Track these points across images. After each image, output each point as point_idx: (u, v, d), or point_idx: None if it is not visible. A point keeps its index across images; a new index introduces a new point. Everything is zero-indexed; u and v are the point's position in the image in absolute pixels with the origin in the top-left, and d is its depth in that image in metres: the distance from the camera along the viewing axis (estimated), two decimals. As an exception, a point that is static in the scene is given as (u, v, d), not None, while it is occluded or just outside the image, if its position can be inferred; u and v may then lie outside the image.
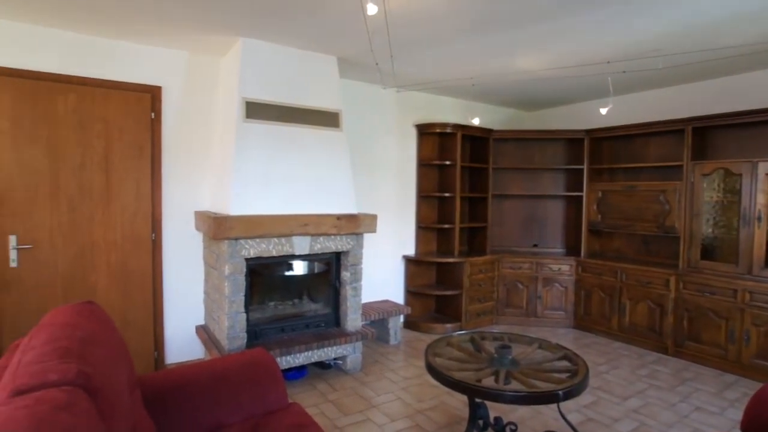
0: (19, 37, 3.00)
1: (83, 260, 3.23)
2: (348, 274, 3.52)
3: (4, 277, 3.01)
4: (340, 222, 3.36)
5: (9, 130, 2.99)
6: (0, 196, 2.97)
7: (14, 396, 1.09)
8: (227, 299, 3.00)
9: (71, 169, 3.17)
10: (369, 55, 3.48)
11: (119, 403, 1.40)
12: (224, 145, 3.35)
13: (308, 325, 3.48)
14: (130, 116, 3.35)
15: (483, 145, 5.04)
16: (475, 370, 2.43)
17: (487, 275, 4.77)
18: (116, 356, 1.65)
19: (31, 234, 3.07)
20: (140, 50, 3.38)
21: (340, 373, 3.55)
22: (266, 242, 3.13)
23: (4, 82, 2.96)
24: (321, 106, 3.51)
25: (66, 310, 1.75)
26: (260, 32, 3.13)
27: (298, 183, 3.33)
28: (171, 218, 3.52)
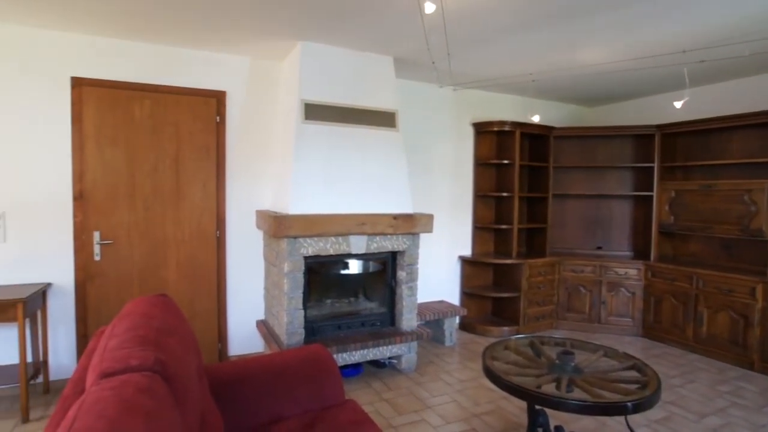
0: (102, 50, 3.26)
1: (156, 255, 3.45)
2: (404, 273, 3.51)
3: (90, 269, 3.29)
4: (397, 221, 3.36)
5: (93, 135, 3.26)
6: (87, 195, 3.25)
7: (102, 378, 1.18)
8: (286, 296, 3.09)
9: (146, 171, 3.40)
10: (425, 55, 3.47)
11: (190, 390, 1.48)
12: (284, 146, 3.46)
13: (364, 324, 3.52)
14: (198, 120, 3.54)
15: (543, 143, 4.86)
16: (535, 376, 2.35)
17: (547, 278, 4.59)
18: (187, 346, 1.74)
19: (112, 231, 3.33)
20: (207, 57, 3.56)
21: (395, 372, 3.56)
22: (324, 241, 3.19)
23: (90, 91, 3.24)
24: (378, 107, 3.54)
25: (142, 301, 1.87)
26: (318, 35, 3.20)
27: (355, 183, 3.37)
28: (234, 217, 3.69)
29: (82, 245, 3.25)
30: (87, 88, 3.23)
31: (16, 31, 3.05)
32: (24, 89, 3.10)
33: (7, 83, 3.05)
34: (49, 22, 2.97)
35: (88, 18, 2.89)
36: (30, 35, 3.09)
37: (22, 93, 3.09)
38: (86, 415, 0.98)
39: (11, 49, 3.05)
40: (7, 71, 3.05)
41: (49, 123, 3.16)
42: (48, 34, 3.13)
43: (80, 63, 3.21)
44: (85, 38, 3.22)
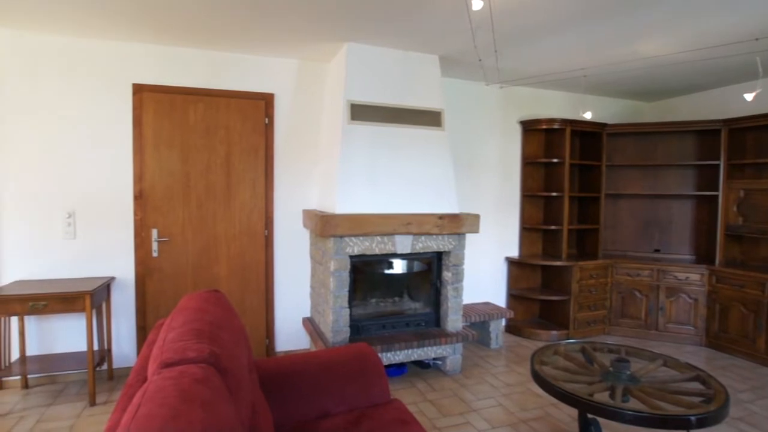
0: (160, 58, 3.44)
1: (208, 252, 3.60)
2: (449, 274, 3.47)
3: (149, 265, 3.47)
4: (443, 221, 3.33)
5: (152, 138, 3.44)
6: (146, 194, 3.44)
7: (162, 368, 1.24)
8: (332, 294, 3.14)
9: (199, 171, 3.55)
10: (472, 52, 3.41)
11: (242, 383, 1.52)
12: (330, 147, 3.51)
13: (408, 324, 3.51)
14: (248, 122, 3.66)
15: (595, 140, 4.66)
16: (587, 383, 2.25)
17: (599, 281, 4.40)
18: (238, 340, 1.80)
19: (168, 228, 3.50)
20: (256, 61, 3.67)
21: (440, 373, 3.52)
22: (369, 240, 3.21)
23: (149, 97, 3.42)
24: (423, 106, 3.52)
25: (197, 296, 1.95)
26: (365, 36, 3.22)
27: (400, 182, 3.37)
28: (281, 216, 3.78)
29: (141, 242, 3.44)
30: (146, 93, 3.41)
31: (83, 42, 3.28)
32: (91, 96, 3.31)
33: (76, 91, 3.28)
34: (114, 33, 3.16)
35: (148, 28, 3.05)
36: (95, 46, 3.30)
37: (90, 100, 3.31)
38: (149, 402, 1.02)
39: (80, 60, 3.27)
40: (77, 80, 3.27)
41: (113, 127, 3.37)
42: (112, 44, 3.34)
43: (140, 70, 3.40)
44: (145, 47, 3.40)
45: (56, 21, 2.94)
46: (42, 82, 3.21)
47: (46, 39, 3.21)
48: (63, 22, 2.97)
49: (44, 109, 3.23)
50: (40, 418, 2.82)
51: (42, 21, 2.95)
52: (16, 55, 3.15)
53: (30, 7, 2.72)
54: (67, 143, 3.28)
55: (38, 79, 3.20)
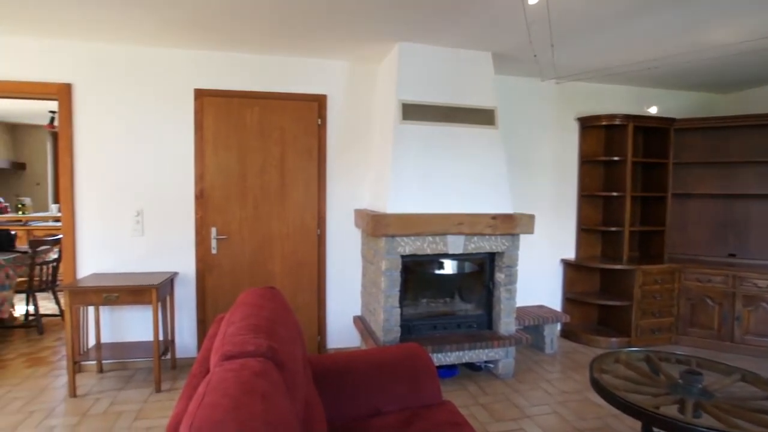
0: (219, 63, 3.60)
1: (263, 250, 3.72)
2: (502, 275, 3.39)
3: (208, 261, 3.64)
4: (496, 222, 3.25)
5: (211, 140, 3.60)
6: (206, 194, 3.61)
7: (223, 360, 1.29)
8: (383, 293, 3.15)
9: (255, 172, 3.68)
10: (526, 48, 3.31)
11: (297, 378, 1.56)
12: (382, 147, 3.52)
13: (460, 325, 3.45)
14: (301, 123, 3.75)
15: (661, 136, 4.38)
16: (653, 395, 2.11)
17: (665, 287, 4.13)
18: (293, 336, 1.84)
19: (226, 227, 3.65)
20: (309, 64, 3.75)
21: (491, 376, 3.44)
22: (421, 240, 3.19)
23: (209, 101, 3.58)
24: (476, 104, 3.45)
25: (254, 292, 2.02)
26: (416, 36, 3.21)
27: (453, 182, 3.33)
28: (334, 215, 3.85)
29: (201, 239, 3.62)
30: (207, 98, 3.58)
31: (148, 51, 3.49)
32: (156, 102, 3.52)
33: (143, 98, 3.50)
34: (176, 42, 3.34)
35: (209, 36, 3.19)
36: (160, 54, 3.51)
37: (155, 105, 3.52)
38: (213, 392, 1.07)
39: (146, 68, 3.49)
40: (143, 87, 3.49)
41: (177, 131, 3.56)
42: (175, 52, 3.53)
43: (201, 76, 3.57)
44: (205, 54, 3.57)
45: (123, 32, 3.15)
46: (112, 89, 3.45)
47: (115, 49, 3.44)
48: (130, 33, 3.18)
49: (114, 115, 3.47)
50: (113, 401, 3.03)
51: (110, 32, 3.17)
52: (88, 66, 3.41)
53: (100, 21, 2.93)
54: (135, 147, 3.51)
55: (108, 87, 3.45)
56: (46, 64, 3.35)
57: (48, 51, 3.34)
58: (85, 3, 2.65)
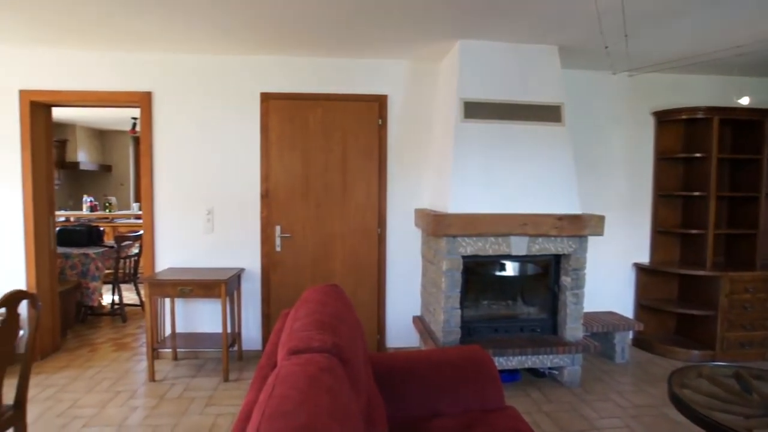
0: (283, 67, 3.72)
1: (325, 248, 3.80)
2: (569, 279, 3.23)
3: (273, 258, 3.78)
4: (562, 222, 3.10)
5: (276, 142, 3.73)
6: (271, 194, 3.75)
7: (290, 355, 1.32)
8: (444, 294, 3.11)
9: (317, 172, 3.77)
10: (596, 40, 3.13)
11: (360, 374, 1.57)
12: (443, 146, 3.48)
13: (522, 329, 3.34)
14: (362, 124, 3.79)
15: (753, 130, 3.96)
16: (744, 416, 1.92)
17: (757, 296, 3.74)
18: (355, 333, 1.86)
19: (290, 225, 3.78)
20: (370, 65, 3.79)
21: (556, 384, 3.29)
22: (483, 241, 3.12)
23: (274, 104, 3.72)
24: (541, 101, 3.32)
25: (319, 289, 2.06)
26: (477, 32, 3.14)
27: (517, 181, 3.22)
28: (394, 215, 3.86)
29: (266, 237, 3.76)
30: (272, 101, 3.72)
31: (219, 59, 3.69)
32: (226, 106, 3.71)
33: (214, 102, 3.70)
34: (245, 49, 3.50)
35: (275, 42, 3.32)
36: (229, 61, 3.69)
37: (226, 109, 3.71)
38: (282, 384, 1.10)
39: (216, 74, 3.69)
40: (214, 92, 3.70)
41: (244, 133, 3.73)
42: (243, 58, 3.70)
43: (267, 80, 3.72)
44: (271, 59, 3.72)
45: (195, 43, 3.34)
46: (186, 96, 3.69)
47: (188, 58, 3.67)
48: (200, 44, 3.37)
49: (188, 120, 3.70)
50: (186, 387, 3.23)
51: (184, 43, 3.37)
52: (165, 75, 3.67)
53: (174, 33, 3.13)
54: (206, 149, 3.72)
55: (183, 94, 3.68)
56: (131, 74, 3.64)
57: (132, 63, 3.63)
58: (158, 17, 2.84)
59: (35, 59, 3.58)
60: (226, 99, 3.71)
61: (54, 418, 2.79)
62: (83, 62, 3.61)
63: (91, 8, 2.73)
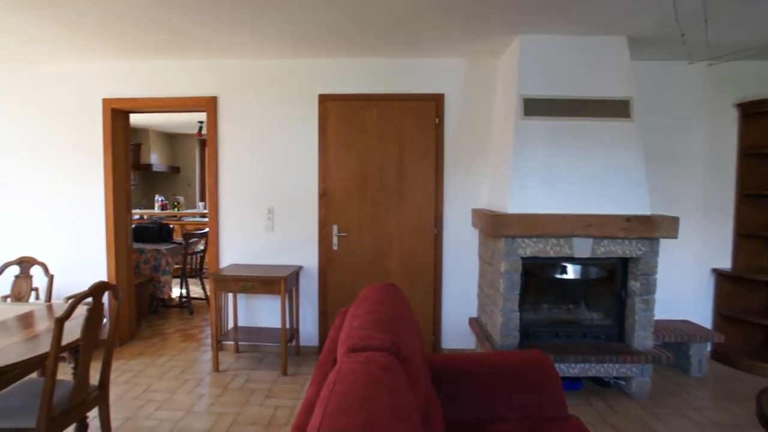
0: (340, 69, 3.78)
1: (381, 247, 3.82)
2: (637, 284, 3.03)
3: (330, 257, 3.86)
4: (630, 224, 2.92)
5: (334, 142, 3.80)
6: (328, 193, 3.82)
7: (350, 352, 1.33)
8: (502, 296, 3.02)
9: (374, 172, 3.80)
10: (671, 27, 2.91)
11: (418, 374, 1.56)
12: (501, 144, 3.39)
13: (585, 335, 3.18)
14: (419, 123, 3.77)
15: None
16: None
17: None
18: (412, 333, 1.85)
19: (346, 224, 3.83)
20: (426, 64, 3.76)
21: (622, 395, 3.11)
22: (544, 242, 3.00)
23: (332, 105, 3.79)
24: (608, 96, 3.15)
25: (377, 288, 2.07)
26: (538, 27, 3.02)
27: (580, 181, 3.08)
28: (450, 215, 3.81)
29: (324, 236, 3.84)
30: (329, 102, 3.79)
31: (279, 63, 3.81)
32: (286, 108, 3.83)
33: (274, 105, 3.83)
34: (304, 52, 3.59)
35: (332, 45, 3.38)
36: (289, 64, 3.80)
37: (285, 112, 3.83)
38: (343, 380, 1.11)
39: (277, 78, 3.81)
40: (274, 95, 3.83)
41: (303, 134, 3.83)
42: (302, 61, 3.80)
43: (324, 82, 3.80)
44: (328, 61, 3.79)
45: (259, 49, 3.47)
46: (248, 99, 3.85)
47: (250, 63, 3.83)
48: (261, 49, 3.49)
49: (250, 122, 3.86)
50: (247, 379, 3.36)
51: (249, 50, 3.51)
52: (229, 80, 3.84)
53: (243, 41, 3.26)
54: (267, 150, 3.86)
55: (245, 98, 3.85)
56: (198, 81, 3.85)
57: (199, 70, 3.84)
58: (225, 27, 2.97)
59: (115, 70, 3.88)
60: (285, 101, 3.83)
61: (131, 401, 3.00)
62: (157, 71, 3.86)
63: (165, 23, 2.91)
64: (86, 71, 3.90)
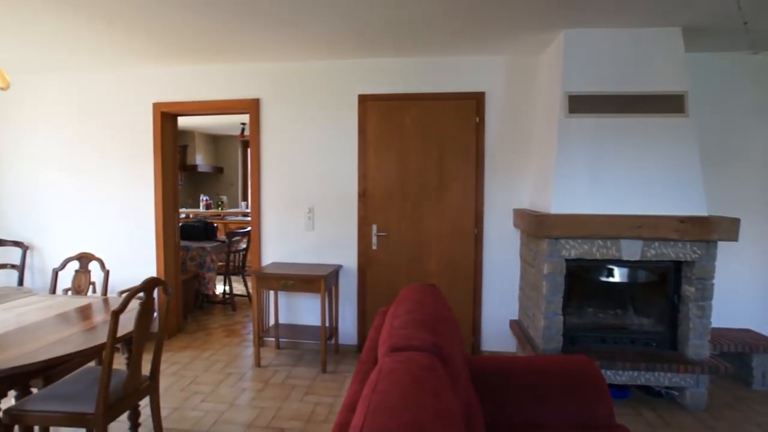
0: (379, 70, 3.79)
1: (420, 247, 3.80)
2: (692, 289, 2.87)
3: (369, 256, 3.87)
4: (685, 226, 2.77)
5: (374, 142, 3.81)
6: (368, 193, 3.84)
7: (391, 352, 1.33)
8: (544, 299, 2.94)
9: (413, 171, 3.78)
10: (732, 15, 2.74)
11: (459, 375, 1.53)
12: (544, 143, 3.30)
13: (634, 341, 3.04)
14: (459, 122, 3.72)
15: None
16: None
17: None
18: (453, 334, 1.82)
19: (386, 224, 3.83)
20: (465, 62, 3.71)
21: (674, 406, 2.95)
22: (589, 243, 2.89)
23: (371, 105, 3.80)
24: (659, 90, 3.00)
25: (417, 288, 2.06)
26: (584, 20, 2.91)
27: (629, 180, 2.95)
28: (491, 215, 3.74)
29: (363, 235, 3.86)
30: (369, 103, 3.81)
31: (319, 65, 3.86)
32: (326, 109, 3.87)
33: (314, 105, 3.88)
34: (342, 54, 3.62)
35: (371, 46, 3.39)
36: (328, 66, 3.85)
37: (325, 112, 3.88)
38: (385, 380, 1.10)
39: (317, 79, 3.87)
40: (315, 96, 3.88)
41: (343, 134, 3.86)
42: (341, 62, 3.83)
43: (364, 82, 3.81)
44: (367, 61, 3.80)
45: (300, 51, 3.53)
46: (289, 101, 3.92)
47: (291, 65, 3.90)
48: (304, 52, 3.54)
49: (291, 123, 3.93)
50: (288, 375, 3.43)
51: (290, 53, 3.57)
52: (271, 82, 3.93)
53: (284, 44, 3.33)
54: (308, 150, 3.92)
55: (286, 99, 3.92)
56: (241, 83, 3.96)
57: (243, 73, 3.96)
58: (269, 31, 3.04)
59: (164, 75, 4.06)
60: (325, 102, 3.88)
61: (178, 392, 3.13)
62: (202, 75, 4.01)
63: (211, 29, 3.02)
64: (138, 77, 4.10)
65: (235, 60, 3.85)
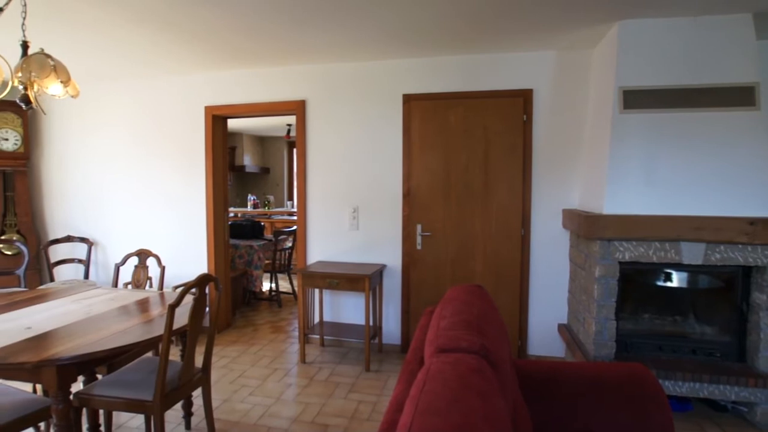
0: (423, 69, 3.77)
1: (465, 248, 3.75)
2: (763, 296, 2.66)
3: (414, 256, 3.86)
4: (755, 228, 2.57)
5: (418, 142, 3.80)
6: (412, 193, 3.83)
7: (439, 353, 1.32)
8: (596, 303, 2.82)
9: (458, 171, 3.73)
10: (812, -2, 2.51)
11: (507, 379, 1.49)
12: (596, 141, 3.16)
13: (695, 351, 2.86)
14: (505, 120, 3.64)
15: None
16: None
17: None
18: (500, 336, 1.78)
19: (430, 224, 3.81)
20: (511, 58, 3.62)
21: (741, 422, 2.74)
22: (645, 246, 2.74)
23: (416, 104, 3.78)
24: (726, 82, 2.80)
25: (463, 289, 2.03)
26: (641, 10, 2.76)
27: (689, 178, 2.77)
28: (539, 215, 3.63)
29: (407, 235, 3.85)
30: (413, 102, 3.79)
31: (363, 65, 3.89)
32: (371, 109, 3.90)
33: (359, 106, 3.92)
34: (387, 54, 3.62)
35: (416, 45, 3.37)
36: (373, 66, 3.87)
37: (370, 112, 3.90)
38: (433, 380, 1.09)
39: (362, 79, 3.90)
40: (360, 96, 3.91)
41: (388, 134, 3.87)
42: (386, 63, 3.85)
43: (408, 82, 3.81)
44: (411, 61, 3.80)
45: (345, 52, 3.56)
46: (334, 101, 3.98)
47: (336, 66, 3.95)
48: (349, 53, 3.58)
49: (336, 124, 3.98)
50: (332, 372, 3.48)
51: (335, 54, 3.62)
52: (316, 83, 4.00)
53: (330, 46, 3.37)
54: (353, 150, 3.96)
55: (332, 100, 3.98)
56: (288, 86, 4.07)
57: (289, 76, 4.06)
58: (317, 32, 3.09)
59: (215, 80, 4.22)
60: (370, 102, 3.90)
61: (227, 385, 3.24)
62: (250, 79, 4.14)
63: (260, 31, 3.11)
64: (191, 82, 4.29)
65: (282, 63, 3.95)
